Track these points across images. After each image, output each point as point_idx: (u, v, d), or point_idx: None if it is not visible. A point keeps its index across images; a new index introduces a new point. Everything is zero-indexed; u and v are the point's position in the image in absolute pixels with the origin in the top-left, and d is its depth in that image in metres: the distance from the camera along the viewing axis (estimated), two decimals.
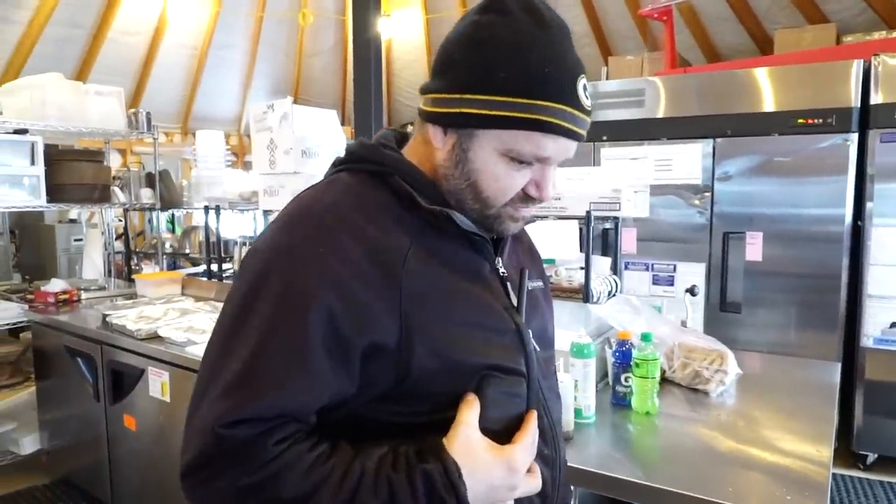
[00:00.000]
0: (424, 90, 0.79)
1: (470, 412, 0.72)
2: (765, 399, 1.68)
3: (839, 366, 1.99)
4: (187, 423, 0.71)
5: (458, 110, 0.75)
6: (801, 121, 3.02)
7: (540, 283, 0.94)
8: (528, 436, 0.76)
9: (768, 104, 3.14)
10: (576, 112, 0.74)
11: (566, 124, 0.73)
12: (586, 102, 0.75)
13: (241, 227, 3.29)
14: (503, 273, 0.84)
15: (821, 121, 3.00)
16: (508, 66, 0.72)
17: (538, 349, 0.83)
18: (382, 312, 0.70)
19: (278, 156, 2.47)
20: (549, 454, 0.83)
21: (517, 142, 0.74)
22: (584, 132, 0.76)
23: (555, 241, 1.93)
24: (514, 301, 0.83)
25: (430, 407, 0.73)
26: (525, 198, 0.78)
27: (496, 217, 0.79)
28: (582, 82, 0.75)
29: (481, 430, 0.73)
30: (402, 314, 0.71)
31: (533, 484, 0.77)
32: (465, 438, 0.71)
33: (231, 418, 0.67)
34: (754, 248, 3.13)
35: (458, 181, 0.78)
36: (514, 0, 0.74)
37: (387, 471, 0.68)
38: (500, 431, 0.75)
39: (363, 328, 0.70)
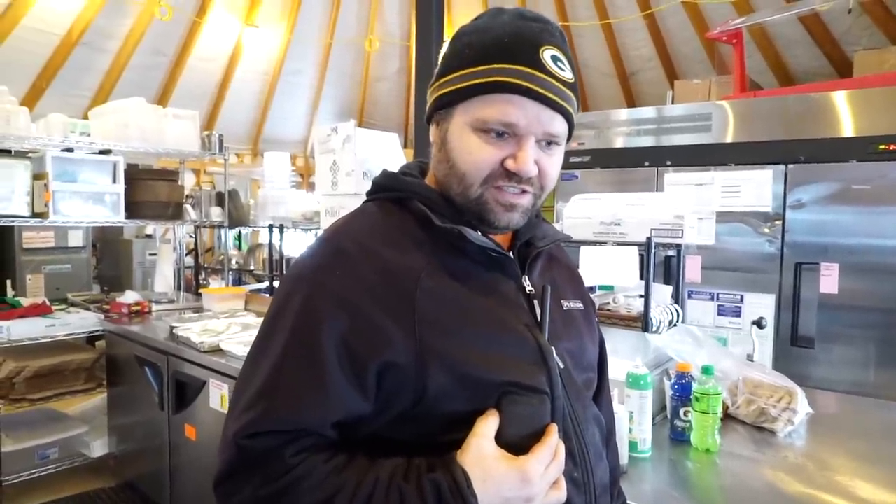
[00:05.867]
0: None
1: (485, 425, 0.72)
2: (838, 441, 1.57)
3: None
4: (221, 438, 0.74)
5: (435, 96, 0.80)
6: (882, 147, 2.86)
7: (579, 305, 0.92)
8: (545, 448, 0.73)
9: (846, 129, 2.99)
10: (536, 72, 0.74)
11: (524, 83, 0.74)
12: (552, 67, 0.75)
13: (303, 246, 3.38)
14: (529, 290, 0.83)
15: None
16: (471, 44, 0.77)
17: (562, 366, 0.81)
18: (396, 332, 0.72)
19: (340, 177, 2.53)
20: (580, 478, 0.80)
21: (482, 109, 0.76)
22: (552, 96, 0.75)
23: (613, 268, 1.89)
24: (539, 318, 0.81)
25: (450, 426, 0.72)
26: (505, 173, 0.77)
27: (483, 204, 0.78)
28: (548, 52, 0.76)
29: (502, 446, 0.72)
30: (416, 333, 0.72)
31: (555, 496, 0.74)
32: (478, 449, 0.70)
33: (251, 430, 0.70)
34: (829, 279, 2.96)
35: (443, 166, 0.81)
36: (494, 8, 0.81)
37: (398, 481, 0.69)
38: (522, 449, 0.73)
39: (377, 348, 0.71)
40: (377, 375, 0.72)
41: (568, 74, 0.77)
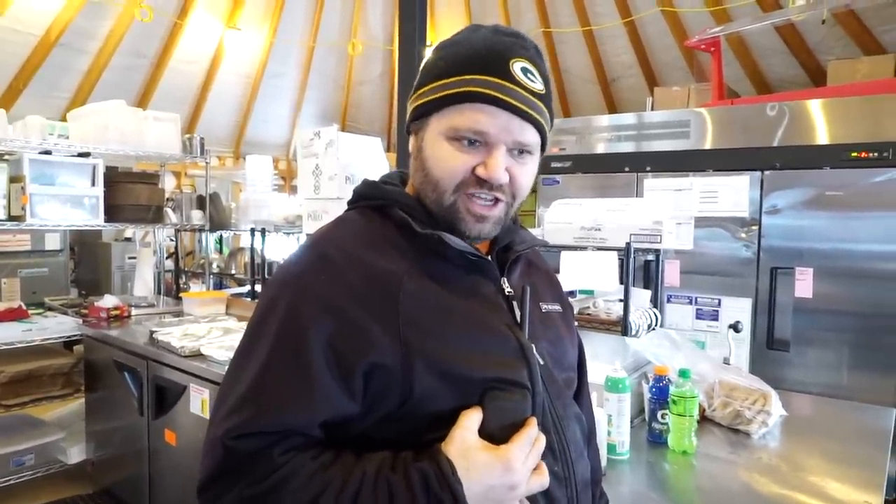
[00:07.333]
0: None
1: (469, 419, 0.74)
2: (811, 443, 1.61)
3: (895, 412, 1.89)
4: (204, 442, 0.75)
5: (413, 107, 0.83)
6: (854, 154, 2.93)
7: (557, 307, 0.95)
8: (525, 437, 0.75)
9: (820, 137, 3.06)
10: (505, 83, 0.77)
11: (493, 93, 0.77)
12: (522, 78, 0.78)
13: (285, 250, 3.36)
14: (509, 292, 0.85)
15: (876, 154, 2.90)
16: (446, 58, 0.81)
17: (542, 363, 0.83)
18: (381, 334, 0.73)
19: (323, 181, 2.54)
20: (560, 472, 0.82)
21: (454, 118, 0.79)
22: (522, 106, 0.78)
23: (593, 272, 1.91)
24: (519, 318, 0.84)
25: (435, 424, 0.74)
26: (477, 181, 0.79)
27: (454, 212, 0.81)
28: (518, 64, 0.79)
29: (484, 439, 0.74)
30: (401, 335, 0.74)
31: (537, 482, 0.76)
32: (461, 440, 0.72)
33: (238, 432, 0.71)
34: (804, 284, 3.02)
35: (419, 175, 0.83)
36: (473, 25, 0.85)
37: (386, 473, 0.70)
38: (504, 441, 0.75)
39: (362, 349, 0.73)
40: (364, 377, 0.73)
41: (538, 86, 0.80)
